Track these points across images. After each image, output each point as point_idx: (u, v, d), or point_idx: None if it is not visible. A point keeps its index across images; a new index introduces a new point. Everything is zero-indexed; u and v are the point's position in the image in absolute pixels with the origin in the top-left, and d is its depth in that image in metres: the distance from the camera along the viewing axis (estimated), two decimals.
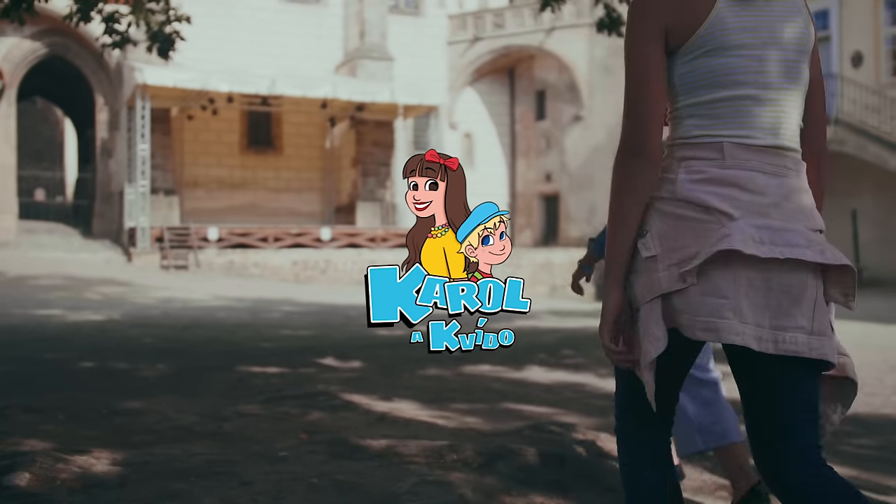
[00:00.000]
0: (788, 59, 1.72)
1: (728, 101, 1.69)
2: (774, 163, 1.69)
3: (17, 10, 7.87)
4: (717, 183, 1.66)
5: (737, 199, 1.65)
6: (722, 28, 1.67)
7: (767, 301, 1.62)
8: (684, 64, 1.71)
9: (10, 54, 24.34)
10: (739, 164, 1.67)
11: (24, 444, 3.37)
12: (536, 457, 3.19)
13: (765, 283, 1.62)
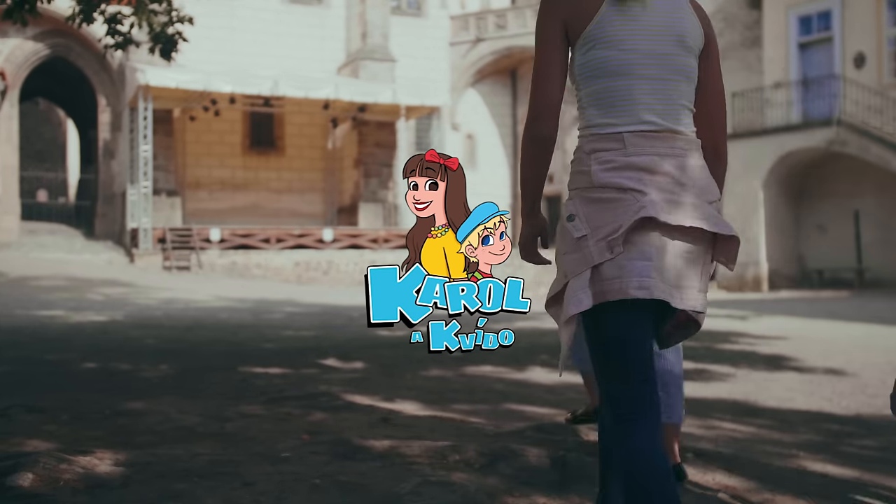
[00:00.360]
0: (670, 53, 1.96)
1: (617, 90, 1.95)
2: (669, 145, 1.95)
3: (20, 12, 7.89)
4: (624, 168, 1.92)
5: (644, 180, 1.90)
6: (609, 24, 1.94)
7: (671, 263, 1.91)
8: (581, 56, 1.99)
9: (12, 55, 24.36)
10: (639, 151, 1.93)
11: (27, 445, 3.37)
12: (539, 457, 3.19)
13: (671, 248, 1.91)
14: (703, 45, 2.04)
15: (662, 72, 1.96)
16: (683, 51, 1.99)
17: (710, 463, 3.46)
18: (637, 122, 1.95)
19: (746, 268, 21.89)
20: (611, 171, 1.92)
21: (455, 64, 29.35)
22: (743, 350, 8.35)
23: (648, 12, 1.96)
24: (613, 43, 1.94)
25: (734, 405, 5.46)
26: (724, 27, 24.63)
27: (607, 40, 1.94)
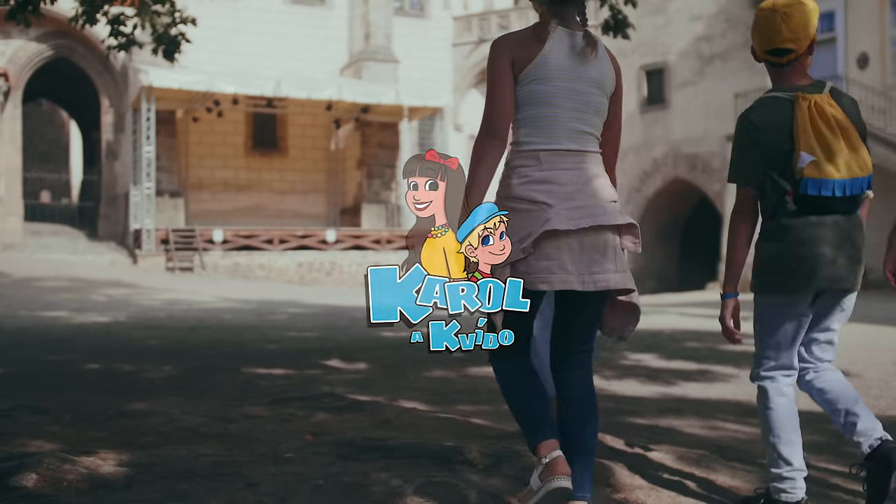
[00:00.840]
0: (587, 92, 2.50)
1: (543, 116, 2.47)
2: (574, 161, 2.47)
3: (23, 13, 7.89)
4: (537, 182, 2.43)
5: (552, 192, 2.41)
6: (545, 66, 2.45)
7: (583, 256, 2.41)
8: (521, 87, 2.47)
9: (15, 56, 24.41)
10: (551, 167, 2.45)
11: (30, 445, 3.38)
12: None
13: (580, 244, 2.41)
14: (614, 89, 2.59)
15: (579, 105, 2.50)
16: (598, 91, 2.54)
17: (713, 464, 3.45)
18: (554, 143, 2.47)
19: (749, 269, 21.85)
20: (525, 185, 2.45)
21: (458, 65, 29.35)
22: (746, 351, 8.32)
23: (575, 60, 2.49)
24: (544, 80, 2.47)
25: (737, 406, 5.46)
26: (727, 28, 24.62)
27: (540, 78, 2.47)
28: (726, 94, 23.78)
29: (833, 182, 2.66)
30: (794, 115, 2.68)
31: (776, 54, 2.78)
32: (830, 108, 2.69)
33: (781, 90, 2.77)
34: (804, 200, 2.69)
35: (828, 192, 2.66)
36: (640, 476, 3.19)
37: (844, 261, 2.80)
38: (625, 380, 6.47)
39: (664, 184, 26.25)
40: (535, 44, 2.48)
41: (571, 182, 2.45)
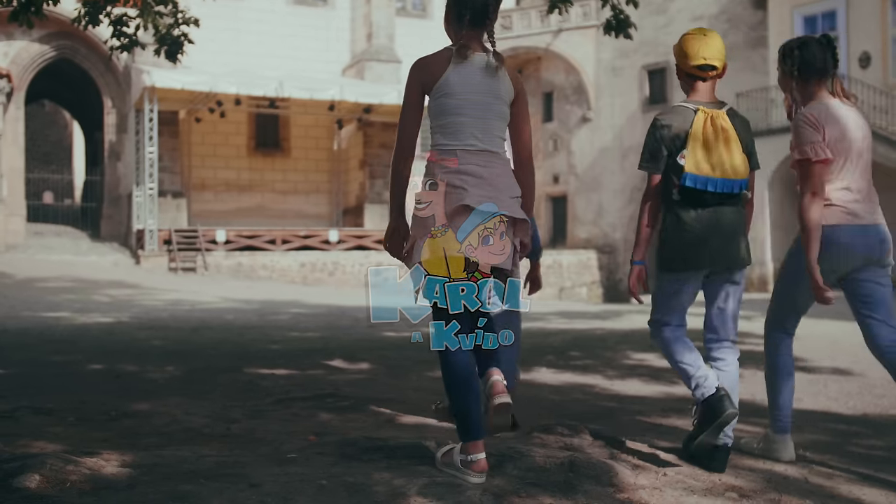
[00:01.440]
0: (489, 102, 2.99)
1: (455, 124, 2.98)
2: (485, 159, 2.97)
3: (26, 14, 7.90)
4: (455, 173, 2.93)
5: (466, 180, 2.91)
6: (449, 82, 2.96)
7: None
8: (433, 101, 3.00)
9: (18, 57, 24.44)
10: (466, 162, 2.94)
11: (33, 446, 3.38)
12: (545, 458, 3.18)
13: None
14: (514, 98, 3.07)
15: (484, 113, 3.00)
16: (499, 101, 3.03)
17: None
18: (466, 144, 2.97)
19: (752, 268, 21.85)
20: (446, 174, 2.94)
21: None
22: (749, 350, 8.32)
23: (476, 79, 2.98)
24: (452, 94, 2.97)
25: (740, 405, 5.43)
26: (728, 28, 24.60)
27: (448, 93, 2.97)
28: (728, 94, 23.74)
29: (707, 179, 3.27)
30: (692, 124, 3.28)
31: (704, 69, 3.36)
32: (723, 122, 3.30)
33: (692, 103, 3.37)
34: (686, 192, 3.29)
35: (701, 187, 3.27)
36: (643, 475, 3.19)
37: (722, 244, 3.36)
38: (627, 379, 6.46)
39: None
40: (441, 65, 3.01)
41: (481, 175, 2.96)
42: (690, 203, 3.31)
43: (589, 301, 25.67)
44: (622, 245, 27.36)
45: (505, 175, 3.01)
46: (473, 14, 3.08)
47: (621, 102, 27.19)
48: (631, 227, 27.17)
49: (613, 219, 27.58)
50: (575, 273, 26.98)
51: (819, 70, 3.56)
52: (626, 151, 27.15)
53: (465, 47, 3.02)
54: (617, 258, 27.46)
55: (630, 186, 26.94)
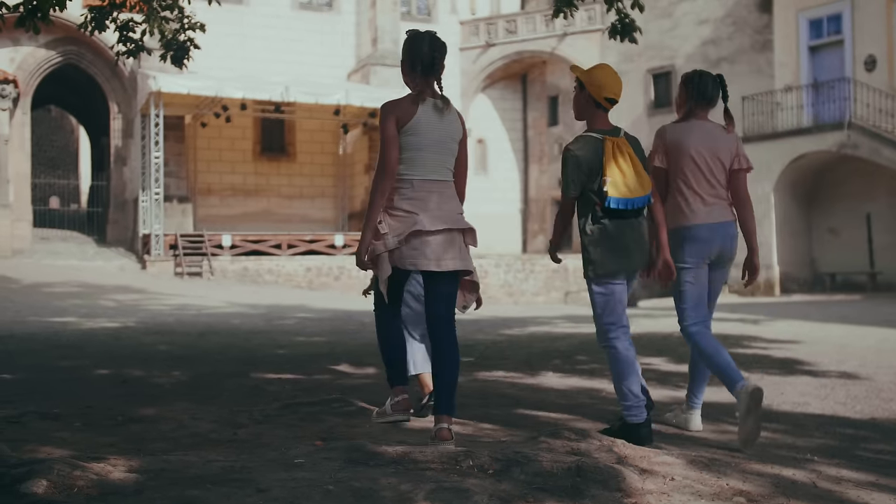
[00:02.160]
0: (445, 140, 3.73)
1: (416, 157, 3.67)
2: (437, 187, 3.71)
3: (32, 19, 7.92)
4: (410, 199, 3.67)
5: (420, 206, 3.65)
6: (417, 124, 3.65)
7: (438, 248, 3.64)
8: (403, 138, 3.67)
9: (24, 63, 24.52)
10: (419, 189, 3.68)
11: (40, 451, 3.38)
12: (553, 463, 3.18)
13: (435, 240, 3.64)
14: (461, 138, 3.81)
15: (440, 149, 3.73)
16: (451, 140, 3.77)
17: (723, 468, 3.44)
18: (423, 175, 3.70)
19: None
20: (403, 201, 3.68)
21: (465, 69, 29.38)
22: (756, 354, 8.31)
23: (435, 119, 3.71)
24: (417, 133, 3.68)
25: None
26: (734, 31, 24.59)
27: (414, 132, 3.67)
28: (734, 98, 23.63)
29: (626, 199, 3.90)
30: (604, 150, 3.90)
31: (610, 102, 4.04)
32: (625, 147, 3.94)
33: (596, 132, 4.02)
34: (608, 210, 3.92)
35: (623, 206, 3.90)
36: (651, 480, 3.18)
37: (637, 251, 4.03)
38: None
39: None
40: (411, 108, 3.69)
41: (433, 200, 3.69)
42: (613, 219, 3.93)
43: None
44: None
45: (452, 198, 3.78)
46: (424, 67, 3.76)
47: (626, 106, 27.14)
48: None
49: None
50: (581, 277, 26.83)
51: (708, 99, 4.32)
52: None
53: (422, 94, 3.73)
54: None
55: None
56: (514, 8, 30.25)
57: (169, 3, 9.96)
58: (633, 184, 3.89)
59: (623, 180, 3.87)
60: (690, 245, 4.28)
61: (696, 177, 4.25)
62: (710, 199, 4.28)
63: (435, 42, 3.82)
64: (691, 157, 4.22)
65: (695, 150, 4.23)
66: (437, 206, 3.67)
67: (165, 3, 9.94)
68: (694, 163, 4.23)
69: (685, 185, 4.25)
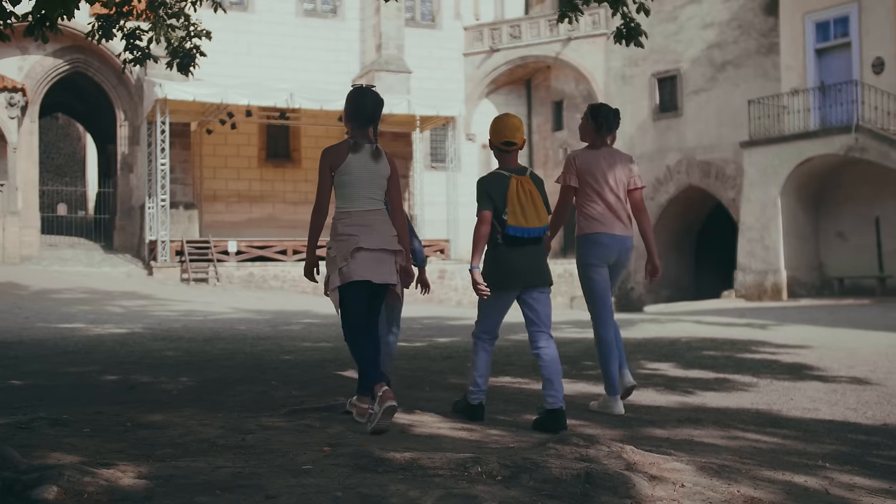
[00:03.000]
0: (374, 178, 4.46)
1: (351, 193, 4.43)
2: (370, 216, 4.43)
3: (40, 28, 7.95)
4: (351, 226, 4.40)
5: (359, 230, 4.38)
6: (349, 166, 4.41)
7: (373, 264, 4.38)
8: (338, 178, 4.45)
9: (32, 71, 24.61)
10: (357, 218, 4.41)
11: (50, 458, 3.38)
12: (562, 469, 3.16)
13: (373, 257, 4.38)
14: (389, 174, 4.55)
15: (371, 184, 4.49)
16: (381, 178, 4.53)
17: (734, 474, 3.42)
18: (358, 206, 4.47)
19: (765, 276, 21.75)
20: (346, 227, 4.45)
21: (470, 74, 29.40)
22: (765, 359, 8.29)
23: (368, 162, 4.48)
24: (350, 174, 4.46)
25: (757, 415, 5.42)
26: (740, 35, 24.56)
27: (348, 172, 4.46)
28: (740, 101, 23.71)
29: (523, 229, 4.65)
30: (508, 187, 4.64)
31: (508, 145, 4.75)
32: (528, 185, 4.68)
33: (504, 170, 4.76)
34: (508, 237, 4.67)
35: (520, 234, 4.65)
36: (661, 487, 3.16)
37: (531, 271, 4.75)
38: (642, 389, 6.43)
39: (678, 191, 26.16)
40: (346, 153, 4.48)
41: (370, 224, 4.46)
42: (510, 244, 4.69)
43: None
44: (633, 254, 27.26)
45: (385, 223, 4.52)
46: (364, 118, 4.54)
47: (632, 111, 27.16)
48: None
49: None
50: None
51: (610, 128, 5.32)
52: (637, 160, 26.97)
53: (359, 142, 4.52)
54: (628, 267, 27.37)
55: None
56: (518, 13, 30.28)
57: (175, 11, 9.99)
58: (531, 216, 4.65)
59: (521, 212, 4.62)
60: (596, 248, 5.21)
61: (603, 194, 5.18)
62: (613, 214, 5.20)
63: (376, 98, 4.56)
64: (598, 178, 5.17)
65: (601, 173, 5.18)
66: (372, 230, 4.44)
67: (172, 11, 9.97)
68: (601, 183, 5.17)
69: (594, 201, 5.18)
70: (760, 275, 21.85)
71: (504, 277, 4.71)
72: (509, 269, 4.69)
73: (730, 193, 24.54)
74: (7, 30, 7.17)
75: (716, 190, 25.20)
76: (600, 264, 5.24)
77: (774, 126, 22.02)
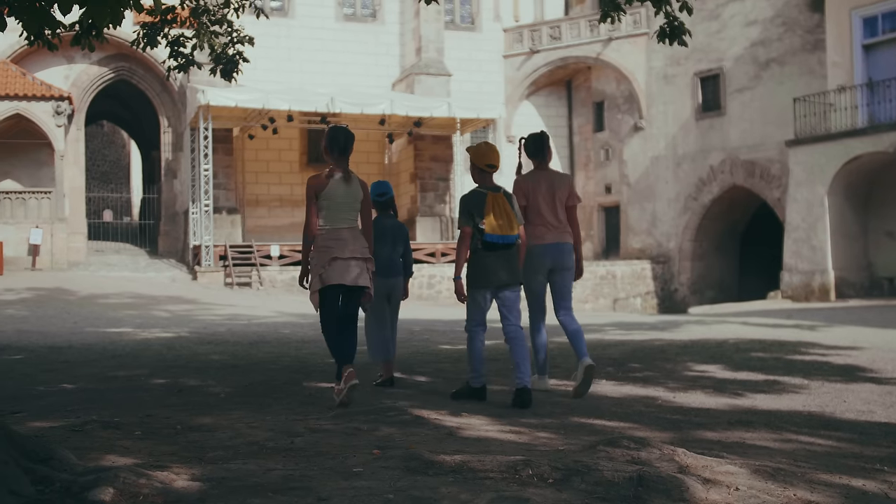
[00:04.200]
0: (349, 202, 5.48)
1: (330, 214, 5.45)
2: (345, 231, 5.45)
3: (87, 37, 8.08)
4: (328, 239, 5.43)
5: (335, 243, 5.42)
6: (329, 191, 5.43)
7: (345, 269, 5.39)
8: (320, 201, 5.45)
9: (78, 80, 25.06)
10: (332, 233, 5.44)
11: (104, 460, 3.42)
12: (614, 472, 3.13)
13: (344, 264, 5.39)
14: (362, 197, 5.51)
15: (347, 206, 5.44)
16: (355, 200, 5.47)
17: (789, 477, 3.36)
18: (334, 225, 5.42)
19: (812, 276, 21.39)
20: (324, 240, 5.40)
21: (509, 76, 29.34)
22: (815, 361, 8.14)
23: (342, 188, 5.41)
24: (329, 198, 5.40)
25: (810, 418, 5.32)
26: (784, 31, 24.20)
27: (328, 196, 5.39)
28: (785, 99, 23.36)
29: (497, 236, 5.59)
30: (486, 202, 5.61)
31: (490, 167, 5.74)
32: (501, 200, 5.64)
33: (482, 188, 5.72)
34: (486, 244, 5.62)
35: (495, 240, 5.60)
36: (715, 490, 3.11)
37: (504, 272, 5.68)
38: (690, 392, 6.35)
39: (721, 191, 25.85)
40: (324, 182, 5.45)
41: (344, 239, 5.43)
42: (488, 249, 5.63)
43: (644, 312, 25.37)
44: (677, 255, 27.00)
45: (357, 237, 5.50)
46: (339, 150, 5.53)
47: (674, 110, 26.91)
48: (686, 236, 26.80)
49: (668, 228, 27.25)
50: (629, 284, 26.69)
51: (543, 153, 6.28)
52: (679, 160, 26.82)
53: (333, 171, 5.50)
54: (672, 268, 27.10)
55: (685, 195, 26.59)
56: (557, 14, 30.15)
57: (218, 18, 10.10)
58: (505, 225, 5.59)
59: (496, 223, 5.57)
60: (530, 259, 6.08)
61: (544, 211, 6.12)
62: (551, 227, 6.12)
63: (348, 135, 5.58)
64: (539, 198, 6.13)
65: (541, 194, 6.13)
66: (346, 243, 5.42)
67: (215, 18, 10.08)
68: (542, 202, 6.13)
69: (535, 217, 6.12)
70: (807, 275, 21.50)
71: (484, 277, 5.67)
72: (488, 271, 5.65)
73: (775, 193, 24.19)
74: (55, 39, 7.29)
75: (760, 190, 24.86)
76: (536, 272, 6.16)
77: (821, 124, 21.66)
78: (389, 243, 6.46)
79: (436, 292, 22.90)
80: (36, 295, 17.36)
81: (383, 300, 6.52)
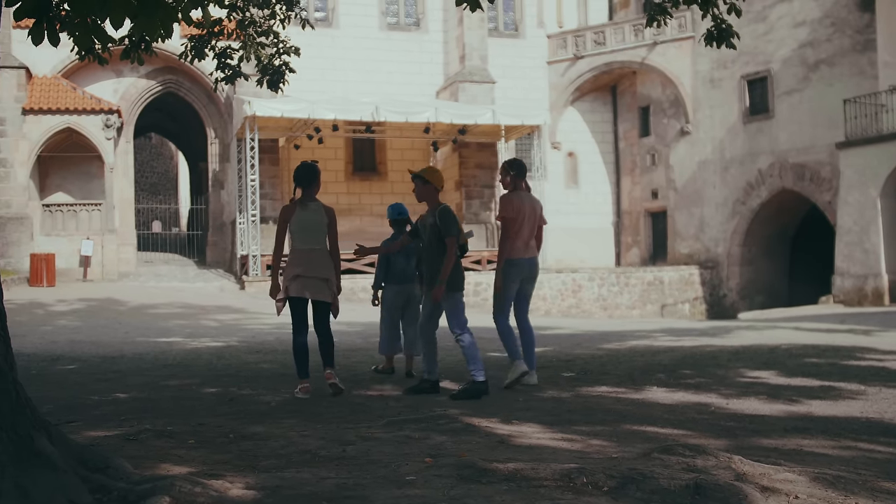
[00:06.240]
0: (314, 226, 6.54)
1: (300, 237, 6.52)
2: (308, 252, 6.51)
3: (137, 51, 8.22)
4: (295, 259, 6.52)
5: (300, 262, 6.48)
6: (297, 218, 6.52)
7: (306, 286, 6.44)
8: (290, 226, 6.54)
9: (127, 93, 25.52)
10: (299, 254, 6.52)
11: (160, 468, 3.45)
12: (669, 480, 3.08)
13: (306, 281, 6.45)
14: (328, 222, 6.62)
15: (312, 230, 6.50)
16: (320, 225, 6.55)
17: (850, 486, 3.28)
18: (303, 245, 6.51)
19: (865, 280, 20.95)
20: (292, 260, 6.51)
21: (554, 82, 29.24)
22: (871, 366, 7.96)
23: (309, 215, 6.52)
24: (297, 224, 6.50)
25: (868, 424, 5.19)
26: (833, 32, 23.79)
27: (295, 223, 6.50)
28: (834, 101, 22.93)
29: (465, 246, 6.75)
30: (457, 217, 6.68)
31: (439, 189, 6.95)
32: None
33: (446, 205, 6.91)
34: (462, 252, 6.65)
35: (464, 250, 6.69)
36: (774, 499, 3.05)
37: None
38: (744, 398, 6.24)
39: (770, 195, 25.45)
40: (293, 210, 6.44)
41: (309, 259, 6.40)
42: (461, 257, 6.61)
43: (692, 318, 25.05)
44: (725, 260, 26.63)
45: (324, 257, 6.48)
46: (306, 182, 6.55)
47: (721, 114, 26.57)
48: (734, 241, 26.42)
49: (716, 233, 26.90)
50: (677, 289, 26.39)
51: (523, 174, 7.05)
52: (727, 164, 26.48)
53: (303, 201, 6.52)
54: (720, 273, 26.73)
55: (732, 199, 26.22)
56: (601, 19, 29.99)
57: (265, 29, 10.20)
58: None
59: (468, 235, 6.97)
60: (511, 268, 6.84)
61: (525, 229, 6.88)
62: (527, 244, 6.92)
63: (313, 170, 6.60)
64: (524, 217, 6.85)
65: (526, 214, 6.87)
66: (310, 263, 6.40)
67: (261, 30, 10.19)
68: (526, 221, 6.87)
69: (517, 234, 6.83)
70: (860, 279, 21.06)
71: (462, 281, 6.65)
72: (462, 276, 6.64)
73: (825, 196, 23.76)
74: (105, 53, 7.42)
75: (810, 193, 24.43)
76: (513, 281, 6.88)
77: (872, 125, 21.23)
78: (404, 256, 8.07)
79: (482, 300, 22.84)
80: (87, 306, 17.68)
81: (400, 302, 7.93)
